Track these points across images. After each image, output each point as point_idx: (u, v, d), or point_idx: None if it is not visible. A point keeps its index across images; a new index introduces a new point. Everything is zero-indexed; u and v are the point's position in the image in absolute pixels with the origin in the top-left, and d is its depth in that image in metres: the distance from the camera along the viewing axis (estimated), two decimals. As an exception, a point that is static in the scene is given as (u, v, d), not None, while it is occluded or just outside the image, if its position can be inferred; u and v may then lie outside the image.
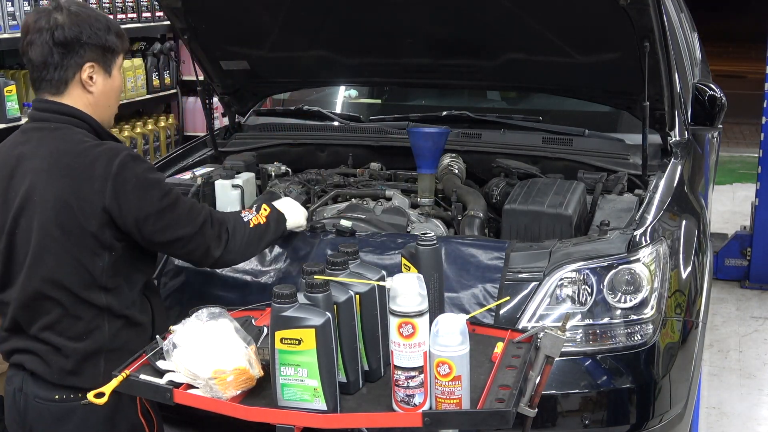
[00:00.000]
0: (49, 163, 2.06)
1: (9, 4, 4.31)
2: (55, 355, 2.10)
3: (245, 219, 2.29)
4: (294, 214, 2.50)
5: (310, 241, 2.65)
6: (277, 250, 2.65)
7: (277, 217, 2.40)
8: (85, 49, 2.11)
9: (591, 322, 2.45)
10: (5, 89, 4.21)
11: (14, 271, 2.11)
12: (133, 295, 2.16)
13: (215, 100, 3.80)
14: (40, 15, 2.12)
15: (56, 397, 2.11)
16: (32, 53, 2.11)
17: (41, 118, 2.14)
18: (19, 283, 2.10)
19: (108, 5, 5.06)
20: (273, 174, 3.45)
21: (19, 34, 4.54)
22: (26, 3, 4.40)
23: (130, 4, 5.26)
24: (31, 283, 2.08)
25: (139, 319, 2.18)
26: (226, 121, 3.90)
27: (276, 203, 2.48)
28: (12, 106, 4.25)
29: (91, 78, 2.14)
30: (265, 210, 2.36)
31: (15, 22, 4.35)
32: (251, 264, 2.64)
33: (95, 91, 2.16)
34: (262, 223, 2.31)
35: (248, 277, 2.62)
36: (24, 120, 4.35)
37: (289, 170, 3.51)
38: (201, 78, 3.66)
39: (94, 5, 4.91)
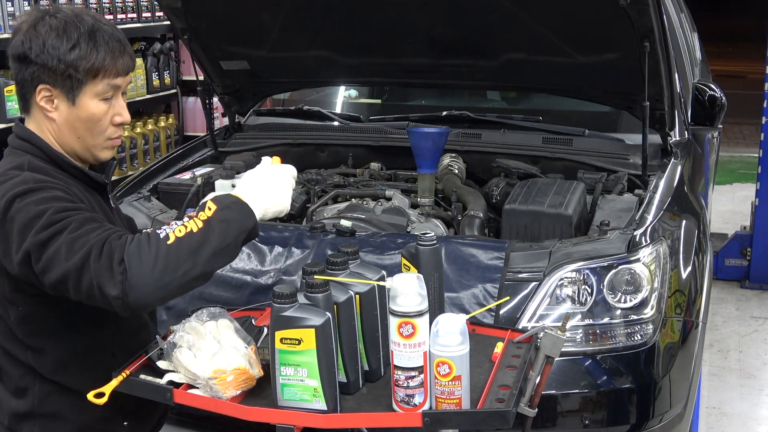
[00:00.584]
0: None
1: (9, 4, 4.31)
2: None
3: (162, 235, 1.65)
4: (266, 196, 1.77)
5: (310, 241, 2.65)
6: (277, 250, 2.65)
7: (228, 216, 1.68)
8: (35, 69, 1.78)
9: (591, 322, 2.45)
10: (5, 89, 4.21)
11: None
12: (63, 359, 1.84)
13: (215, 100, 3.80)
14: (27, 15, 1.85)
15: None
16: None
17: (7, 142, 1.88)
18: None
19: (108, 5, 5.06)
20: (273, 174, 3.44)
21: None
22: (26, 3, 4.39)
23: (130, 4, 5.26)
24: None
25: (78, 387, 1.82)
26: (226, 121, 3.90)
27: (241, 188, 1.77)
28: (12, 106, 4.25)
29: (51, 102, 1.81)
30: (209, 210, 1.68)
31: (15, 22, 4.35)
32: (251, 264, 2.64)
33: (57, 118, 1.82)
34: (194, 230, 1.64)
35: (248, 277, 2.62)
36: (24, 120, 4.36)
37: (289, 170, 3.51)
38: (201, 78, 3.67)
39: (94, 6, 4.91)
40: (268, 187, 1.79)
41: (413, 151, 3.14)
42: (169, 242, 1.63)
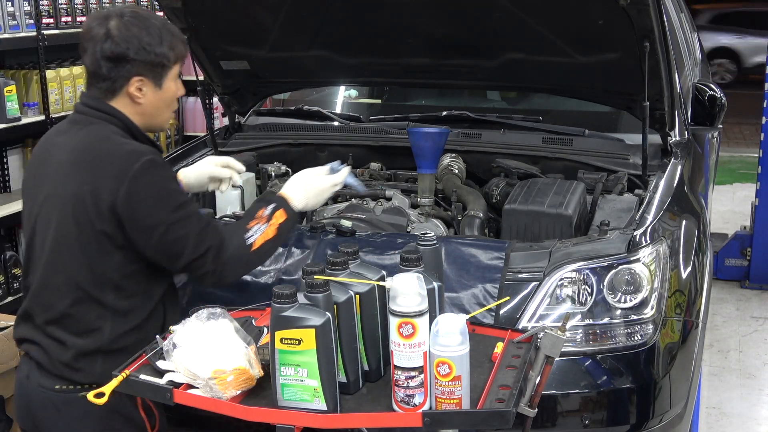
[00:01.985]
0: (74, 156, 2.08)
1: (9, 4, 4.30)
2: (56, 348, 2.11)
3: (248, 242, 2.12)
4: (308, 202, 2.31)
5: (310, 241, 2.65)
6: (277, 250, 2.65)
7: (291, 226, 2.24)
8: (132, 65, 2.10)
9: (591, 322, 2.45)
10: (5, 89, 4.20)
11: (35, 258, 2.15)
12: (146, 302, 2.13)
13: (215, 100, 3.80)
14: (95, 21, 2.12)
15: (56, 387, 2.12)
16: (85, 60, 2.14)
17: (82, 111, 2.16)
18: (36, 272, 2.14)
19: (108, 5, 5.05)
20: (273, 174, 3.45)
21: (19, 34, 4.54)
22: (26, 3, 4.39)
23: (130, 3, 5.26)
24: (45, 273, 2.11)
25: (147, 326, 2.12)
26: (226, 121, 3.90)
27: (293, 189, 2.28)
28: (12, 106, 4.24)
29: (140, 90, 2.13)
30: (281, 216, 2.19)
31: (15, 22, 4.35)
32: (251, 264, 2.64)
33: (144, 102, 2.15)
34: (269, 238, 2.15)
35: (248, 277, 2.62)
36: (24, 120, 4.35)
37: (289, 170, 3.51)
38: (201, 78, 3.67)
39: (94, 6, 4.91)
40: (313, 194, 2.34)
41: (413, 151, 3.14)
42: (252, 250, 2.13)
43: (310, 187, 2.33)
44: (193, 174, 2.55)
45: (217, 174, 2.55)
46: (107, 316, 2.09)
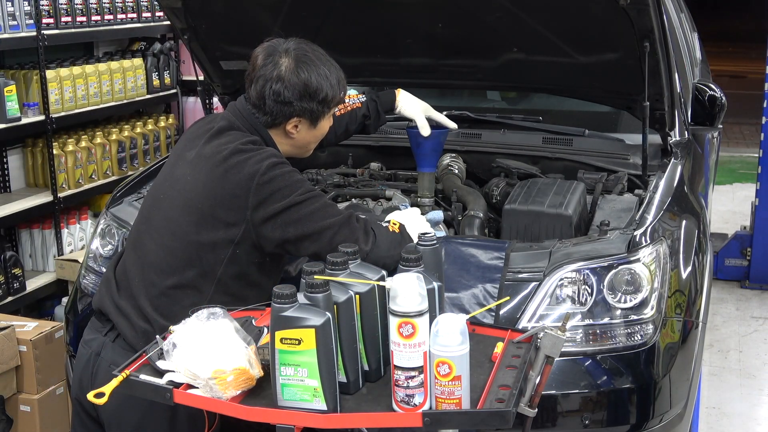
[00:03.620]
0: (213, 152, 2.19)
1: (9, 4, 4.30)
2: (142, 323, 2.17)
3: (382, 223, 2.23)
4: (415, 224, 2.32)
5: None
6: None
7: (405, 230, 2.26)
8: (294, 108, 2.23)
9: (591, 322, 2.45)
10: (5, 89, 4.20)
11: (148, 232, 2.24)
12: (249, 298, 2.17)
13: (215, 100, 3.79)
14: (268, 57, 2.23)
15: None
16: (251, 90, 2.26)
17: (236, 117, 2.28)
18: (144, 247, 2.22)
19: (108, 5, 5.05)
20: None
21: (19, 34, 4.52)
22: (26, 3, 4.39)
23: (130, 4, 5.26)
24: (154, 251, 2.20)
25: None
26: (226, 121, 3.88)
27: (397, 215, 2.34)
28: (12, 106, 4.24)
29: (295, 127, 2.27)
30: (394, 223, 2.24)
31: (15, 22, 4.34)
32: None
33: (296, 137, 2.29)
34: (396, 231, 2.20)
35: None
36: (24, 120, 4.35)
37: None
38: (201, 78, 3.66)
39: (94, 6, 4.91)
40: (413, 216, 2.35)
41: (413, 150, 3.14)
42: (389, 230, 2.19)
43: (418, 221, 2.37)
44: None
45: None
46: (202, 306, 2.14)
